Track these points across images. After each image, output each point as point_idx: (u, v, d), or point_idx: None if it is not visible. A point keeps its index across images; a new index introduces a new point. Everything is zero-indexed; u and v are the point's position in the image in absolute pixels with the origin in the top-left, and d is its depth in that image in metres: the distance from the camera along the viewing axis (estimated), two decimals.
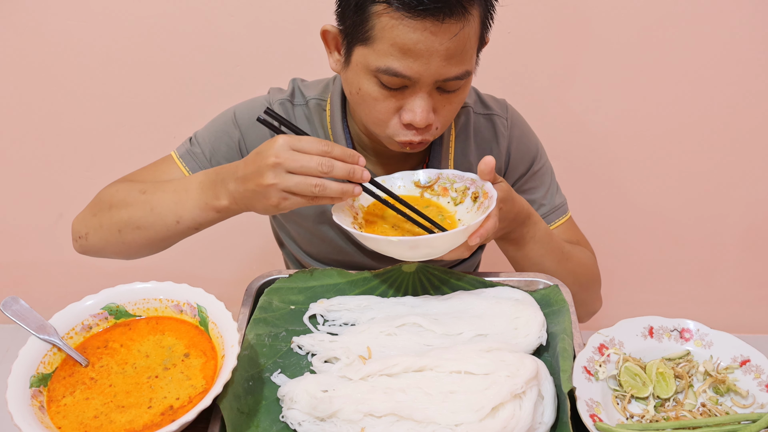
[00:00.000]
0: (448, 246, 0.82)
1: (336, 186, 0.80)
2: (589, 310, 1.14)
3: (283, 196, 0.79)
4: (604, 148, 1.75)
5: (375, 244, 0.82)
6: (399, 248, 0.80)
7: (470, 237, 0.82)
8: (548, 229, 1.02)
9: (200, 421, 0.71)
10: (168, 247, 1.01)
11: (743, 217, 1.87)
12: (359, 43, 0.86)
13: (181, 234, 0.94)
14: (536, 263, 1.01)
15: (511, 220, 0.93)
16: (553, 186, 1.14)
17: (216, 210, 0.89)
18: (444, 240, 0.80)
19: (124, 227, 0.96)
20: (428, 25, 0.80)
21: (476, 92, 1.13)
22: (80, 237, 1.02)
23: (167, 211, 0.92)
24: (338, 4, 0.89)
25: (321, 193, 0.79)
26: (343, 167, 0.79)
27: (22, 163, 1.81)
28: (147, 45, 1.59)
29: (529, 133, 1.13)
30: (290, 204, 0.80)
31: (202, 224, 0.92)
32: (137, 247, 0.98)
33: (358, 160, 0.81)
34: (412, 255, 0.83)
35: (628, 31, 1.56)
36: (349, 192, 0.81)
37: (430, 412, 0.72)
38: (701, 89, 1.64)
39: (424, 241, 0.79)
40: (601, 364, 0.81)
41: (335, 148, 0.79)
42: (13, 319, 0.80)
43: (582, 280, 1.07)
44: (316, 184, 0.78)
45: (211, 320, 0.81)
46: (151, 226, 0.94)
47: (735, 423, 0.74)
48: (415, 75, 0.84)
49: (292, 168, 0.78)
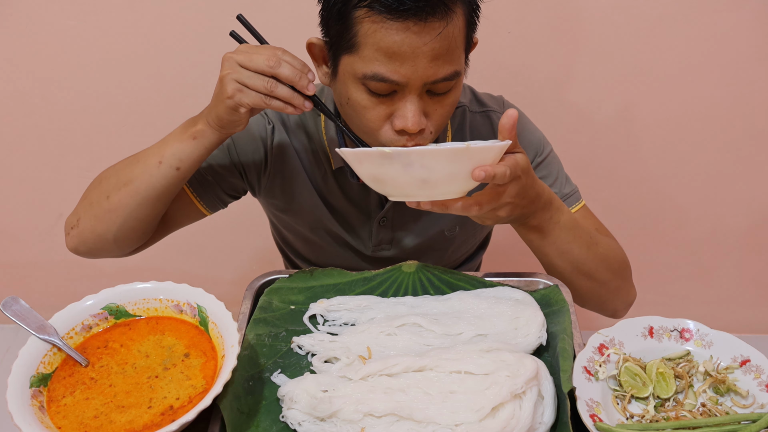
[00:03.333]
0: (446, 170, 0.73)
1: (286, 89, 0.84)
2: (626, 300, 1.06)
3: (238, 87, 0.83)
4: (604, 148, 1.75)
5: (369, 159, 0.75)
6: (393, 166, 0.73)
7: (475, 170, 0.73)
8: (573, 215, 0.96)
9: (200, 421, 0.71)
10: (153, 216, 0.98)
11: (743, 217, 1.87)
12: (345, 51, 0.85)
13: (164, 178, 0.92)
14: (564, 251, 0.94)
15: (531, 199, 0.86)
16: (561, 175, 1.10)
17: (192, 136, 0.91)
18: (440, 159, 0.71)
19: (111, 190, 0.95)
20: (411, 26, 0.79)
21: (472, 91, 1.12)
22: (72, 227, 1.00)
23: (150, 155, 0.93)
24: (321, 15, 0.88)
25: (272, 90, 0.83)
26: (289, 69, 0.83)
27: (21, 163, 1.81)
28: (147, 45, 1.59)
29: (529, 126, 1.11)
30: (246, 97, 0.83)
31: (182, 159, 0.92)
32: (124, 212, 0.95)
33: (308, 72, 0.85)
34: (408, 182, 0.74)
35: (628, 31, 1.56)
36: (298, 100, 0.84)
37: (430, 412, 0.72)
38: (700, 89, 1.64)
39: (417, 155, 0.71)
40: (601, 364, 0.81)
41: (287, 54, 0.84)
42: (13, 319, 0.80)
43: (614, 266, 1.01)
44: (268, 80, 0.83)
45: (211, 320, 0.81)
46: (136, 176, 0.94)
47: (735, 423, 0.74)
48: (403, 79, 0.82)
49: (241, 61, 0.83)
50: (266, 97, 0.84)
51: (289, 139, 1.06)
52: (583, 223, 0.98)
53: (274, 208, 1.14)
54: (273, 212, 1.17)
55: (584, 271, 0.96)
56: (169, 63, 1.62)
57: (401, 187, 0.76)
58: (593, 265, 0.96)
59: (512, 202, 0.82)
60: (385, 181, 0.76)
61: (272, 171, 1.07)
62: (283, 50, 0.84)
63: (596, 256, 0.97)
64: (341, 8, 0.83)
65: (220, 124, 0.88)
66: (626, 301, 1.06)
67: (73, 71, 1.64)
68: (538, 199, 0.88)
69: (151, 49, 1.60)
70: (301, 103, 0.85)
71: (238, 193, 1.11)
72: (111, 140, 1.75)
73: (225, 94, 0.84)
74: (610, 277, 0.99)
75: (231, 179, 1.06)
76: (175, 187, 0.95)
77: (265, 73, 0.83)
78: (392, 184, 0.76)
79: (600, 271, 0.97)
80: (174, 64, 1.62)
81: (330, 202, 1.10)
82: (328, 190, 1.08)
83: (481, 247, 1.30)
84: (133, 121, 1.72)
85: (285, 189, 1.09)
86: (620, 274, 1.02)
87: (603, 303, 1.03)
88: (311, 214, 1.11)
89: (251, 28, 0.90)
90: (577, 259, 0.95)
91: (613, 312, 1.06)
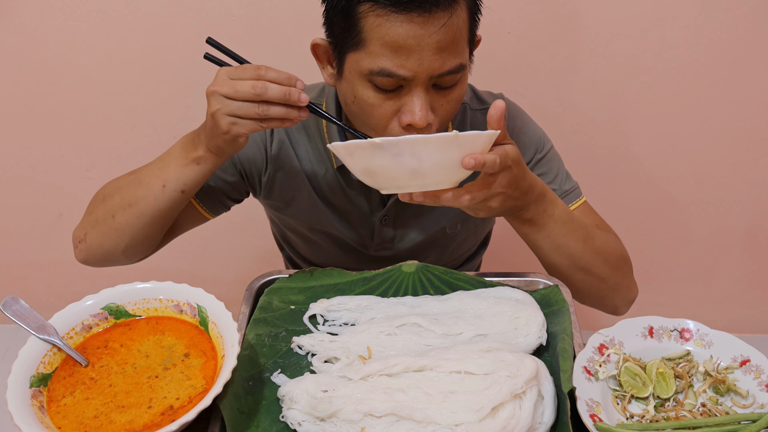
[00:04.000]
0: (436, 158, 0.72)
1: (279, 108, 0.81)
2: (626, 297, 1.05)
3: (232, 121, 0.82)
4: (604, 148, 1.75)
5: (360, 151, 0.74)
6: (384, 157, 0.73)
7: (465, 158, 0.73)
8: (568, 209, 0.96)
9: (200, 421, 0.71)
10: (160, 232, 0.99)
11: (743, 217, 1.87)
12: (350, 49, 0.85)
13: (169, 200, 0.93)
14: (560, 245, 0.93)
15: (524, 191, 0.85)
16: (562, 172, 1.10)
17: (195, 161, 0.90)
18: (430, 147, 0.71)
19: (117, 210, 0.96)
20: (415, 17, 0.80)
21: (472, 89, 1.12)
22: (80, 241, 1.01)
23: (153, 177, 0.93)
24: (325, 14, 0.88)
25: (265, 114, 0.81)
26: (277, 89, 0.79)
27: (22, 163, 1.81)
28: (147, 45, 1.59)
29: (529, 123, 1.11)
30: (242, 128, 0.82)
31: (187, 183, 0.92)
32: (131, 231, 0.96)
33: (296, 83, 0.82)
34: (399, 173, 0.74)
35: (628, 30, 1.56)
36: (293, 114, 0.82)
37: (430, 412, 0.72)
38: (700, 89, 1.64)
39: (406, 144, 0.71)
40: (601, 364, 0.81)
41: (270, 71, 0.80)
42: (13, 319, 0.80)
43: (612, 261, 1.00)
44: (258, 105, 0.80)
45: (211, 320, 0.81)
46: (140, 198, 0.94)
47: (735, 423, 0.74)
48: (409, 73, 0.83)
49: (227, 93, 0.80)
50: (261, 122, 0.82)
51: (289, 140, 1.06)
52: (579, 218, 0.97)
53: (274, 209, 1.14)
54: (273, 212, 1.17)
55: (581, 266, 0.96)
56: (169, 63, 1.62)
57: (393, 179, 0.76)
58: (590, 259, 0.96)
59: (504, 192, 0.82)
60: (376, 173, 0.76)
61: (272, 172, 1.07)
62: (266, 67, 0.81)
63: (593, 250, 0.96)
64: (345, 5, 0.83)
65: (221, 153, 0.88)
66: (627, 298, 1.05)
67: (73, 71, 1.64)
68: (531, 191, 0.87)
69: (151, 50, 1.60)
70: (297, 116, 0.83)
71: (241, 195, 1.11)
72: (111, 140, 1.75)
73: (220, 130, 0.83)
74: (608, 272, 0.98)
75: (233, 184, 1.07)
76: (180, 206, 0.96)
77: (253, 100, 0.80)
78: (384, 176, 0.76)
79: (598, 266, 0.96)
80: (174, 65, 1.62)
81: (331, 201, 1.10)
82: (329, 189, 1.09)
83: (482, 246, 1.31)
84: (133, 121, 1.72)
85: (284, 190, 1.09)
86: (619, 269, 1.02)
87: (602, 299, 1.03)
88: (311, 213, 1.11)
89: (225, 49, 0.88)
90: (573, 253, 0.94)
91: (613, 309, 1.05)
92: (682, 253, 1.96)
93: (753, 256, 1.96)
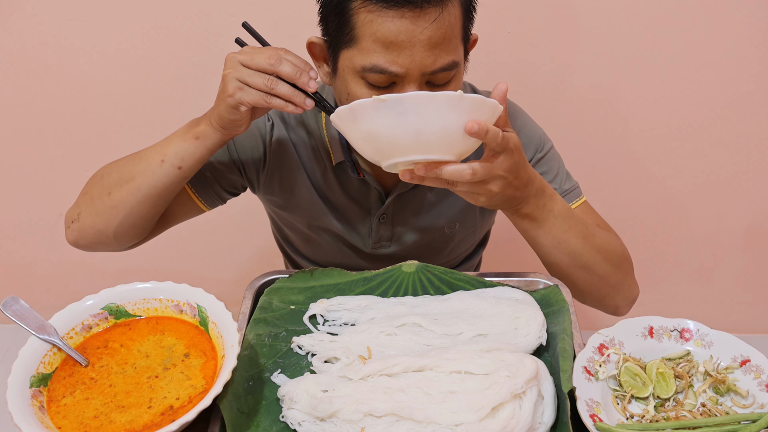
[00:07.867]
0: (439, 119, 0.73)
1: (287, 87, 0.83)
2: (627, 296, 1.04)
3: (239, 86, 0.83)
4: (604, 147, 1.75)
5: (364, 109, 0.74)
6: (389, 116, 0.73)
7: (469, 122, 0.73)
8: (567, 205, 0.95)
9: (200, 421, 0.71)
10: (154, 213, 0.98)
11: (743, 217, 1.87)
12: (343, 46, 0.86)
13: (165, 176, 0.93)
14: (560, 240, 0.93)
15: (523, 181, 0.85)
16: (562, 171, 1.10)
17: (195, 136, 0.91)
18: (434, 104, 0.72)
19: (113, 186, 0.96)
20: (406, 13, 0.80)
21: (472, 88, 1.12)
22: (73, 221, 1.01)
23: (153, 154, 0.94)
24: (320, 12, 0.89)
25: (273, 87, 0.83)
26: (290, 66, 0.83)
27: (21, 163, 1.81)
28: (147, 45, 1.59)
29: (529, 123, 1.11)
30: (247, 95, 0.83)
31: (184, 159, 0.92)
32: (125, 209, 0.95)
33: (310, 71, 0.84)
34: (402, 134, 0.74)
35: (628, 30, 1.56)
36: (298, 99, 0.84)
37: (430, 412, 0.72)
38: (701, 89, 1.64)
39: (411, 101, 0.71)
40: (601, 364, 0.81)
41: (289, 53, 0.84)
42: (13, 319, 0.80)
43: (613, 259, 0.99)
44: (268, 77, 0.83)
45: (211, 320, 0.81)
46: (138, 174, 0.94)
47: (735, 423, 0.74)
48: (401, 69, 0.83)
49: (243, 60, 0.84)
50: (267, 96, 0.84)
51: (289, 136, 1.06)
52: (579, 215, 0.97)
53: (273, 205, 1.14)
54: (272, 209, 1.17)
55: (582, 263, 0.95)
56: (169, 63, 1.62)
57: (395, 143, 0.75)
58: (591, 257, 0.95)
59: (504, 177, 0.81)
60: (379, 137, 0.75)
61: (271, 167, 1.07)
62: (285, 50, 0.85)
63: (593, 248, 0.96)
64: (339, 1, 0.84)
65: (222, 124, 0.88)
66: (628, 298, 1.04)
67: (73, 71, 1.64)
68: (530, 184, 0.87)
69: (151, 50, 1.60)
70: (302, 101, 0.85)
71: (237, 189, 1.11)
72: (111, 140, 1.75)
73: (226, 93, 0.84)
74: (609, 270, 0.98)
75: (230, 176, 1.07)
76: (176, 186, 0.95)
77: (266, 71, 0.83)
78: (387, 140, 0.75)
79: (598, 264, 0.96)
80: (175, 65, 1.62)
81: (329, 198, 1.10)
82: (327, 186, 1.09)
83: (481, 245, 1.30)
84: (133, 121, 1.72)
85: (283, 185, 1.09)
86: (621, 268, 1.01)
87: (603, 298, 1.02)
88: (310, 210, 1.11)
89: (257, 35, 0.91)
90: (573, 250, 0.94)
91: (614, 309, 1.05)
92: (682, 253, 1.96)
93: (753, 256, 1.96)
